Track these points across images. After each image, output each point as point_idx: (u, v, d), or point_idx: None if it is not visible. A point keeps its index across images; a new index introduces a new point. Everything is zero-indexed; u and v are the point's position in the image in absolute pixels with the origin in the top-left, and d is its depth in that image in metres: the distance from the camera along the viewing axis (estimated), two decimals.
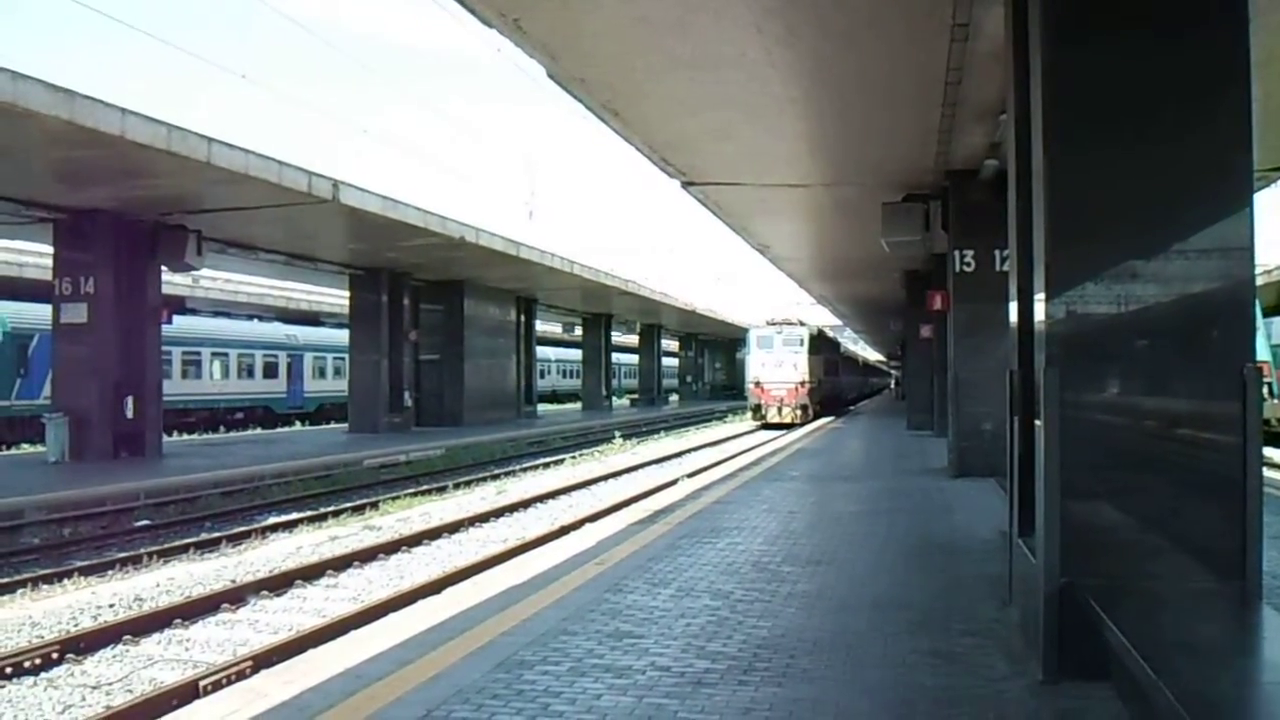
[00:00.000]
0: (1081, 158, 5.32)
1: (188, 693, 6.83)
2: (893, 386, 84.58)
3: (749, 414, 39.80)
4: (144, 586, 10.42)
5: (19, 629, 8.73)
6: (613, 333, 56.04)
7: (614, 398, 58.41)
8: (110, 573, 11.49)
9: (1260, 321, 24.72)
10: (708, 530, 10.28)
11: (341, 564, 11.68)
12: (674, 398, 70.60)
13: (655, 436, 36.20)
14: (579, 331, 54.81)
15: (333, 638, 7.60)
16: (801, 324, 39.37)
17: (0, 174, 17.92)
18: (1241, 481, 4.88)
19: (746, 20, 9.19)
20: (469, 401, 35.65)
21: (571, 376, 64.52)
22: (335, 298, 41.19)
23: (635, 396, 65.25)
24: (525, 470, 23.65)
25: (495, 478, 21.90)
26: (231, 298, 41.11)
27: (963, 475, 15.02)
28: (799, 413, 37.35)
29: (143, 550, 12.56)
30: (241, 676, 7.06)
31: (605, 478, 21.41)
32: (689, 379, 73.96)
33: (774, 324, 39.03)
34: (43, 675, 7.58)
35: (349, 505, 16.83)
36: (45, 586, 10.76)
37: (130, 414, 21.76)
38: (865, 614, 6.65)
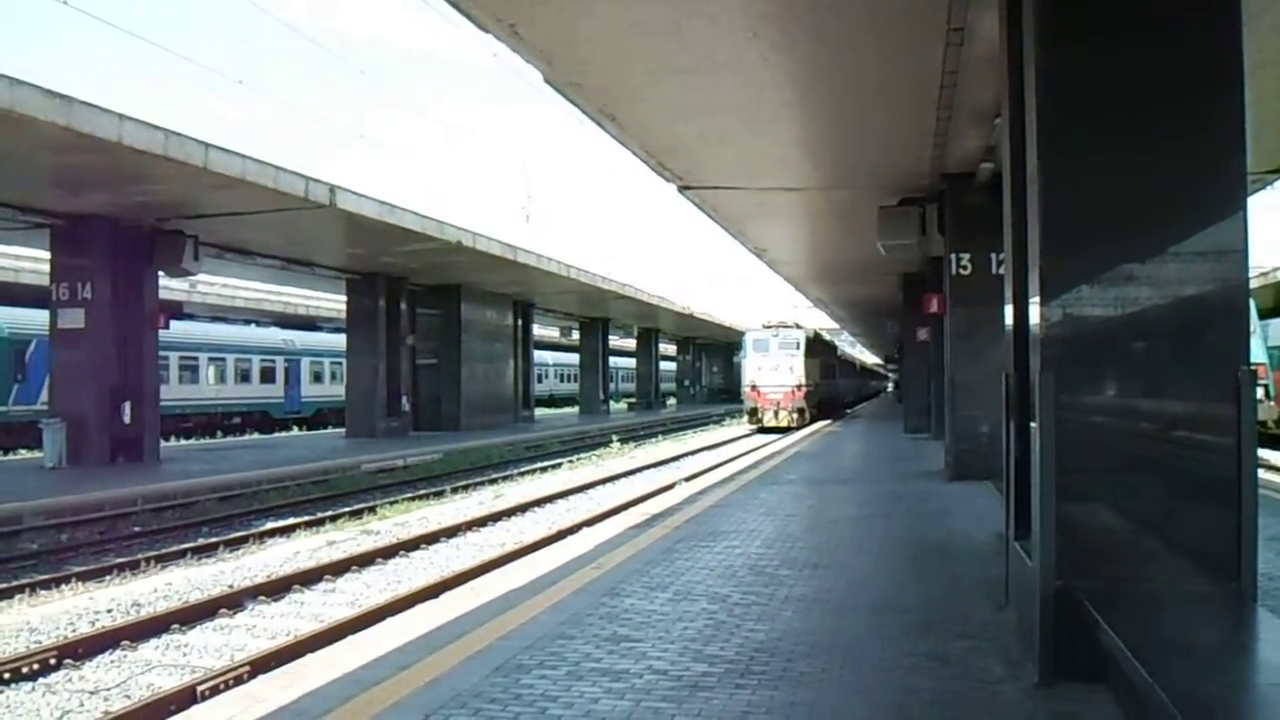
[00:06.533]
0: (1076, 161, 5.34)
1: (185, 698, 6.83)
2: (890, 389, 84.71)
3: (745, 418, 39.80)
4: (142, 592, 10.41)
5: (17, 634, 8.72)
6: (610, 337, 56.05)
7: (611, 402, 58.39)
8: (108, 578, 11.49)
9: (1257, 324, 24.75)
10: (705, 534, 10.29)
11: (339, 569, 11.67)
12: (671, 401, 70.60)
13: (653, 440, 36.19)
14: (576, 336, 54.79)
15: (330, 643, 7.59)
16: (798, 327, 39.37)
17: None
18: (1236, 484, 4.89)
19: (742, 26, 9.22)
20: (466, 406, 35.63)
21: (569, 381, 64.50)
22: (332, 302, 41.16)
23: (633, 400, 65.22)
24: (523, 474, 23.64)
25: (493, 482, 21.88)
26: (229, 303, 41.08)
27: (959, 478, 15.03)
28: (795, 416, 37.34)
29: (140, 556, 12.55)
30: (239, 682, 7.07)
31: (603, 482, 21.41)
32: (686, 383, 73.94)
33: (770, 327, 39.03)
34: (41, 681, 7.58)
35: (346, 510, 16.82)
36: (43, 592, 10.75)
37: (127, 419, 21.74)
38: (862, 617, 6.66)
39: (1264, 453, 18.09)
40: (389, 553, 12.77)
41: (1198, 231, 5.19)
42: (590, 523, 14.32)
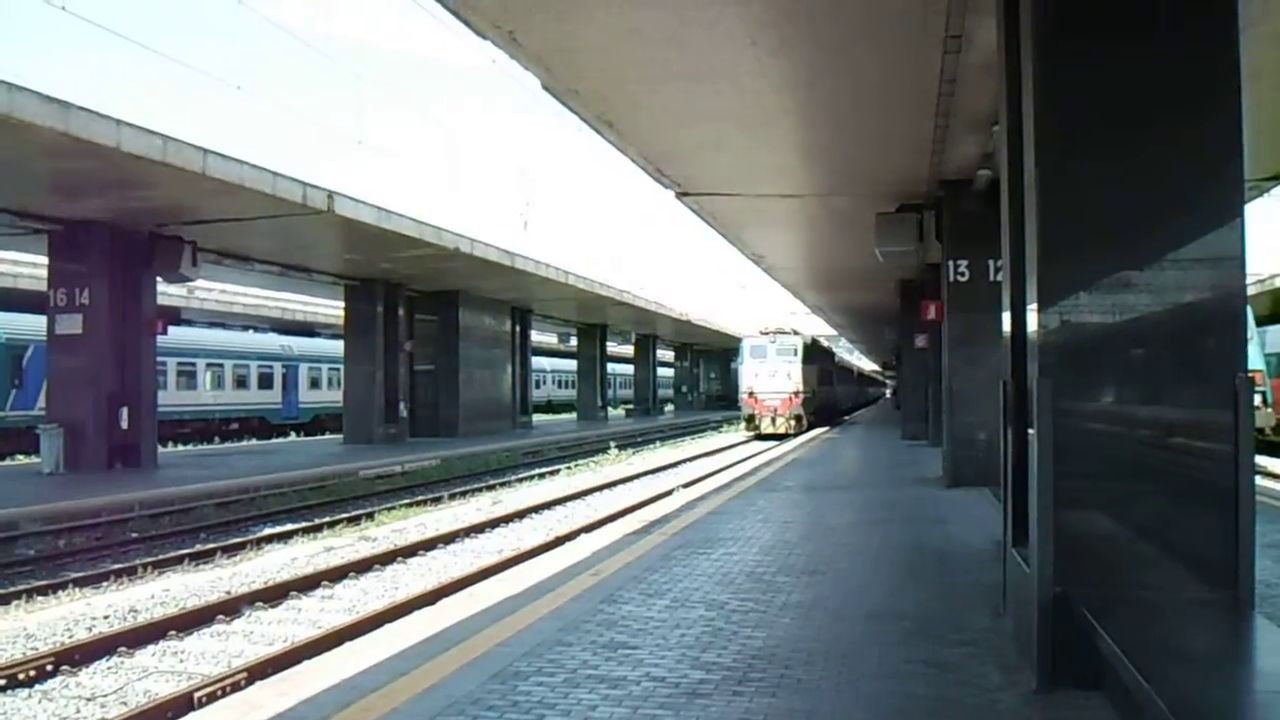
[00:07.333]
0: (1073, 168, 5.35)
1: (182, 705, 6.83)
2: (888, 396, 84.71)
3: (743, 424, 39.76)
4: (139, 598, 10.39)
5: (14, 641, 8.70)
6: (608, 343, 56.07)
7: (609, 408, 58.39)
8: (105, 584, 11.47)
9: (1254, 330, 24.79)
10: (703, 541, 10.28)
11: (336, 575, 11.64)
12: (669, 408, 70.59)
13: (651, 447, 36.18)
14: (574, 342, 54.80)
15: (328, 649, 7.61)
16: (795, 333, 39.34)
17: None
18: (1234, 490, 4.89)
19: (740, 33, 9.23)
20: (464, 412, 35.63)
21: (567, 387, 64.52)
22: (330, 308, 41.20)
23: (630, 407, 65.24)
24: (521, 481, 23.61)
25: (491, 488, 21.87)
26: (227, 308, 41.13)
27: (957, 485, 15.03)
28: (793, 423, 37.29)
29: (137, 562, 12.53)
30: (236, 688, 7.05)
31: (601, 488, 21.39)
32: (684, 389, 73.96)
33: (767, 333, 38.97)
34: (38, 687, 7.56)
35: (344, 516, 16.81)
36: (40, 598, 10.73)
37: (125, 425, 21.72)
38: (860, 624, 6.66)
39: (1261, 459, 18.10)
40: (386, 559, 12.74)
41: (1195, 238, 5.19)
42: (588, 529, 14.30)
